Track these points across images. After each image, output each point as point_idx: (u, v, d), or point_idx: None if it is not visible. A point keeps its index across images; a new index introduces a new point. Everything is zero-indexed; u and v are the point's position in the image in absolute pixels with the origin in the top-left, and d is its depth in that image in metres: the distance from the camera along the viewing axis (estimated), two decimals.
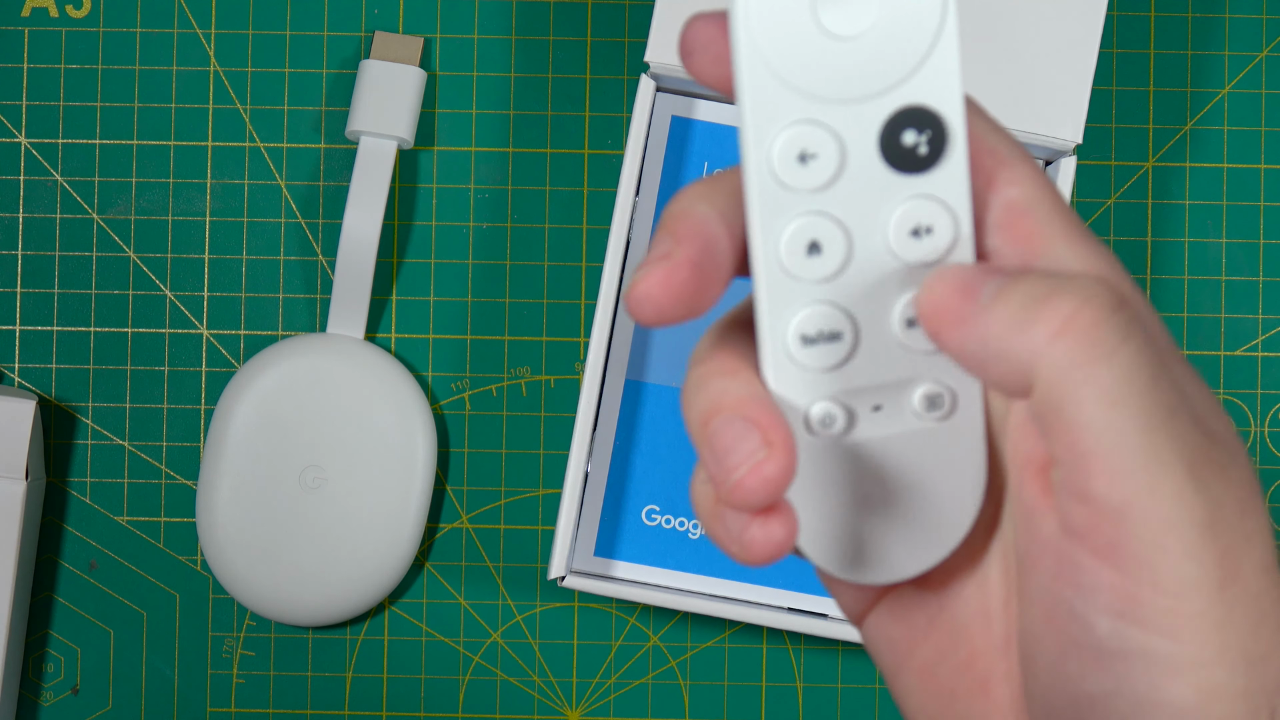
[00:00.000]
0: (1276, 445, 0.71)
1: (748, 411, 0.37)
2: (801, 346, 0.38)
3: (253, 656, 0.71)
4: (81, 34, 0.71)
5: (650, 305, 0.37)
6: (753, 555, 0.37)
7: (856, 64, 0.37)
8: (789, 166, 0.37)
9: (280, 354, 0.69)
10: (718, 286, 0.38)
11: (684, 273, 0.37)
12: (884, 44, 0.37)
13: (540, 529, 0.71)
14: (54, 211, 0.71)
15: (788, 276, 0.38)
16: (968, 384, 0.39)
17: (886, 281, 0.38)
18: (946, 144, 0.37)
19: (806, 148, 0.37)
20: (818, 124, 0.37)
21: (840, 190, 0.37)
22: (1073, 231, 0.38)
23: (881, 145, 0.37)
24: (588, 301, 0.71)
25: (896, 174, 0.37)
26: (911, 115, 0.37)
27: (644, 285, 0.37)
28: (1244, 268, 0.71)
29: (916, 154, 0.37)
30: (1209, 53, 0.71)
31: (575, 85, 0.71)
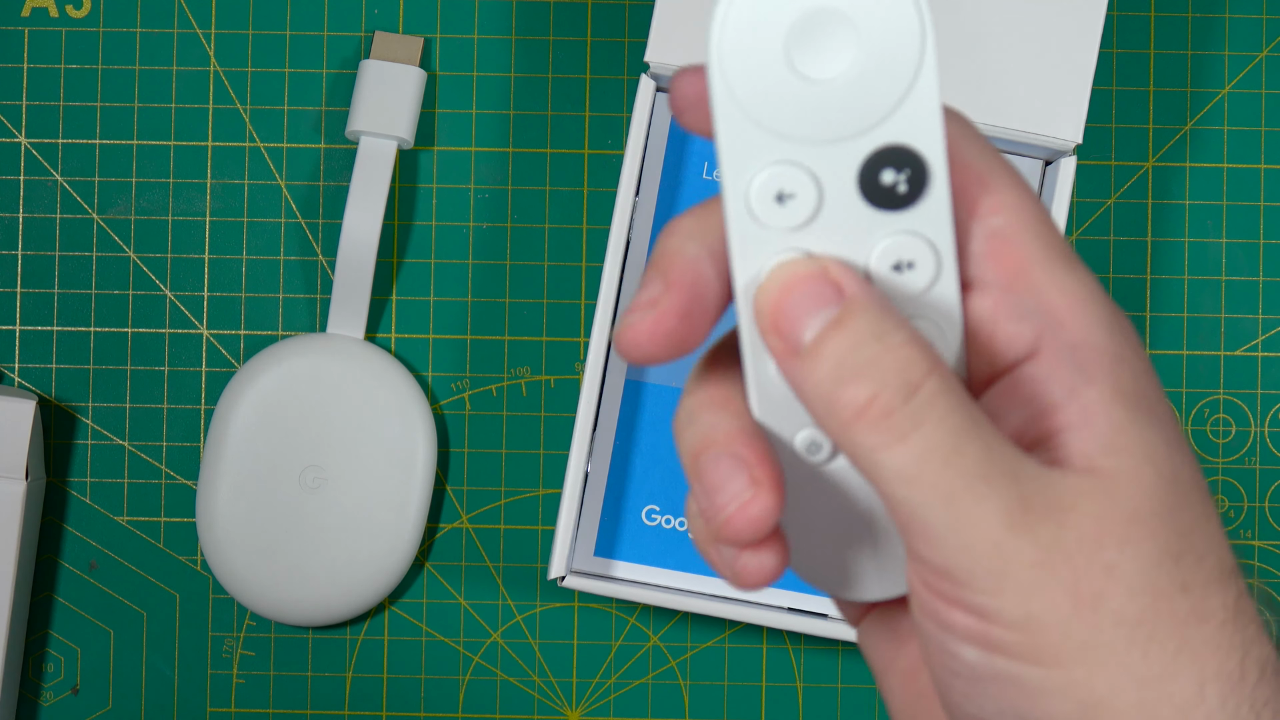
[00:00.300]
0: (1276, 445, 0.71)
1: (736, 448, 0.38)
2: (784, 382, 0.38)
3: (253, 656, 0.71)
4: (81, 34, 0.71)
5: (638, 351, 0.38)
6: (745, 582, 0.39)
7: (833, 106, 0.37)
8: (766, 206, 0.38)
9: (280, 354, 0.69)
10: (706, 327, 0.39)
11: (671, 321, 0.38)
12: (861, 85, 0.37)
13: (540, 529, 0.71)
14: (54, 211, 0.71)
15: None
16: None
17: None
18: (927, 181, 0.37)
19: (784, 188, 0.37)
20: (794, 164, 0.37)
21: (819, 228, 0.38)
22: (1057, 260, 0.38)
23: (860, 184, 0.37)
24: (588, 301, 0.71)
25: (876, 211, 0.38)
26: (890, 155, 0.37)
27: (631, 333, 0.38)
28: (1244, 268, 0.71)
29: (896, 192, 0.37)
30: (1209, 53, 0.71)
31: (575, 85, 0.71)
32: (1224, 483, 0.71)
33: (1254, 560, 0.71)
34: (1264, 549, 0.71)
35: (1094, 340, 0.38)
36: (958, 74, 0.64)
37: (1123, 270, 0.71)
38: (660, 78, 0.64)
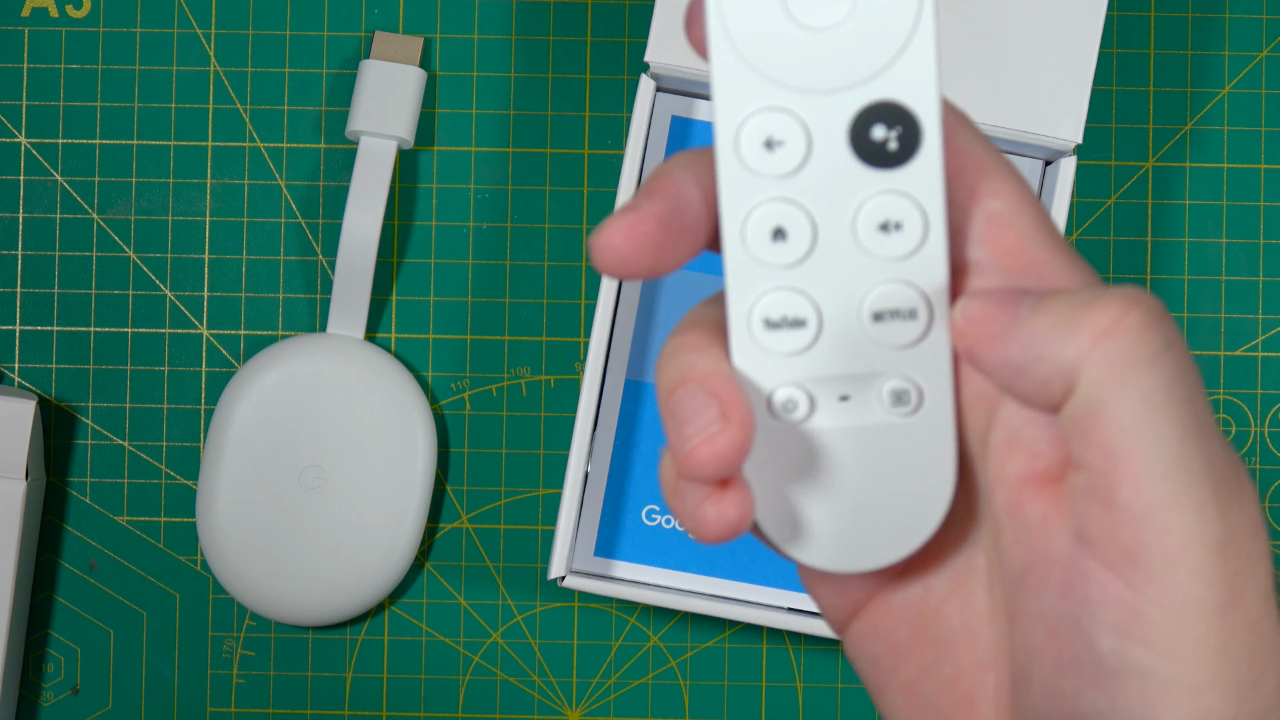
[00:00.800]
0: (1276, 445, 0.71)
1: (711, 385, 0.38)
2: (765, 330, 0.38)
3: (253, 656, 0.71)
4: (81, 34, 0.71)
5: (611, 253, 0.38)
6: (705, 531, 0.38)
7: (828, 55, 0.37)
8: (755, 152, 0.37)
9: (280, 354, 0.69)
10: (683, 247, 0.38)
11: (649, 224, 0.38)
12: (857, 37, 0.37)
13: (540, 529, 0.71)
14: (54, 211, 0.71)
15: (752, 260, 0.38)
16: (937, 382, 0.39)
17: (853, 274, 0.38)
18: (919, 141, 0.37)
19: (773, 134, 0.37)
20: (785, 112, 0.37)
21: (807, 179, 0.38)
22: (1055, 245, 0.38)
23: (851, 138, 0.37)
24: (588, 301, 0.71)
25: (866, 167, 0.37)
26: (882, 110, 0.37)
27: (607, 233, 0.38)
28: (1244, 268, 0.71)
29: (886, 149, 0.37)
30: (1209, 53, 0.71)
31: (575, 85, 0.71)
32: None
33: None
34: None
35: None
36: (958, 74, 0.64)
37: (1123, 270, 0.71)
38: (660, 78, 0.64)
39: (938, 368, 0.38)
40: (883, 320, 0.38)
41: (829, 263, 0.38)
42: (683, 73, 0.64)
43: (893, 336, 0.38)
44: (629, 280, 0.48)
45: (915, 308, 0.38)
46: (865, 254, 0.38)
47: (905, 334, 0.38)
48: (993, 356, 0.37)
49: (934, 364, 0.38)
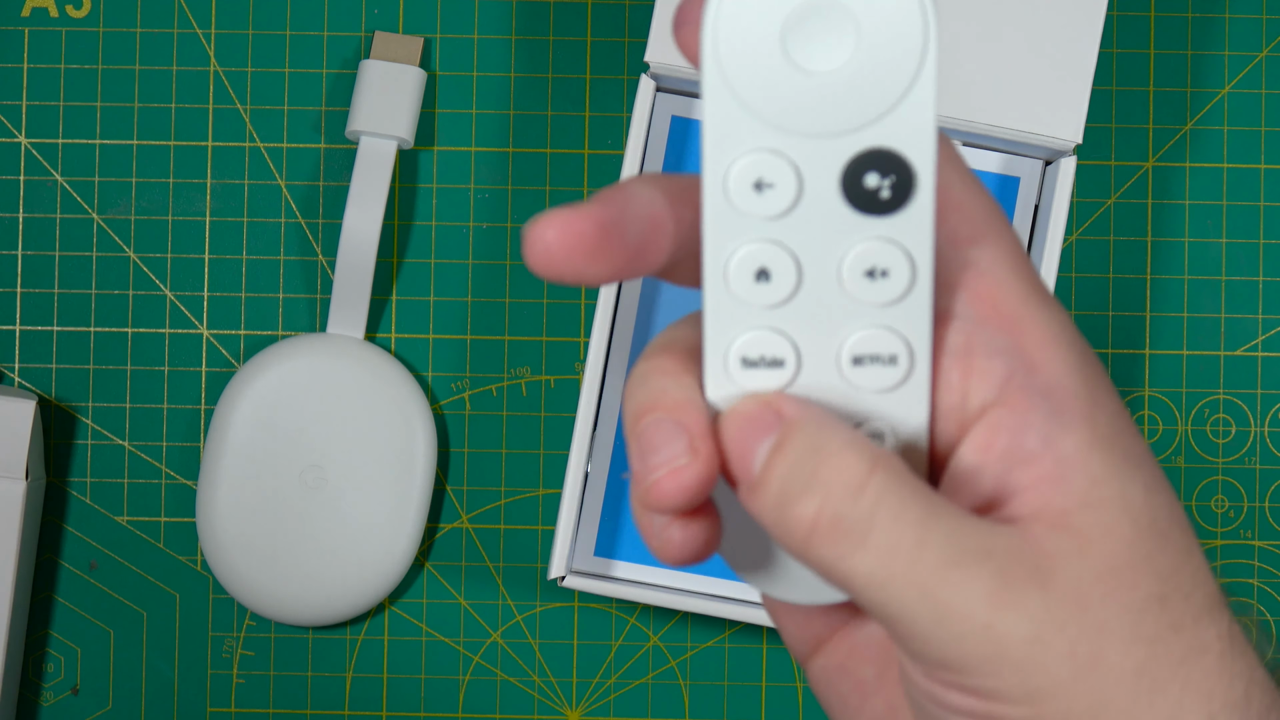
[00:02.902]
0: (1277, 445, 0.71)
1: (681, 416, 0.37)
2: (742, 368, 0.38)
3: (253, 656, 0.71)
4: (81, 34, 0.71)
5: (541, 248, 0.36)
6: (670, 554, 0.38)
7: (825, 100, 0.36)
8: (744, 192, 0.37)
9: (280, 354, 0.69)
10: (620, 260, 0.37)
11: (584, 224, 0.36)
12: (856, 82, 0.36)
13: (540, 529, 0.71)
14: (54, 211, 0.71)
15: (733, 299, 0.37)
16: (914, 428, 0.38)
17: (836, 317, 0.38)
18: (913, 190, 0.37)
19: (764, 176, 0.37)
20: (777, 154, 0.37)
21: (795, 222, 0.37)
22: (1031, 298, 0.38)
23: (843, 184, 0.37)
24: (588, 301, 0.71)
25: (856, 214, 0.37)
26: (877, 158, 0.37)
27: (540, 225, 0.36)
28: (1244, 268, 0.71)
29: (878, 197, 0.37)
30: (1209, 53, 0.71)
31: (575, 85, 0.71)
32: (1224, 483, 0.71)
33: (1254, 560, 0.71)
34: (1264, 549, 0.71)
35: (1068, 385, 0.37)
36: (958, 74, 0.64)
37: (1123, 270, 0.71)
38: (660, 78, 0.64)
39: (915, 413, 0.38)
40: (862, 365, 0.38)
41: (812, 306, 0.38)
42: (683, 73, 0.64)
43: (871, 381, 0.38)
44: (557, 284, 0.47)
45: (896, 354, 0.38)
46: (849, 299, 0.37)
47: (884, 379, 0.38)
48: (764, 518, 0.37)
49: (912, 409, 0.38)
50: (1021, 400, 0.37)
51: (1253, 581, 0.71)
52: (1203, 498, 0.71)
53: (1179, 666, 0.36)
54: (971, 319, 0.38)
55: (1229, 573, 0.71)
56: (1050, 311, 0.38)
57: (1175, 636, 0.36)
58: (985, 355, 0.38)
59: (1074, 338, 0.38)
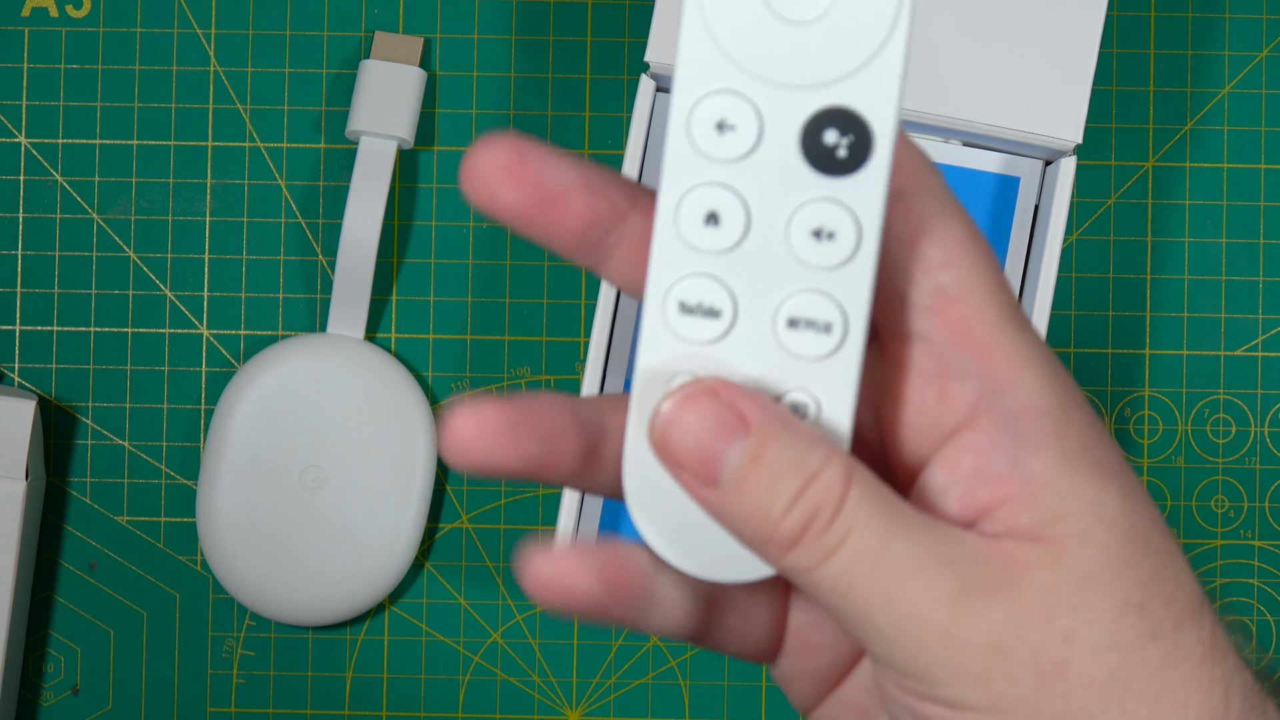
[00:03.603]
0: (1276, 445, 0.71)
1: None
2: (678, 313, 0.38)
3: (253, 656, 0.71)
4: (81, 34, 0.71)
5: (455, 444, 0.37)
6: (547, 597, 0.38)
7: (797, 51, 0.37)
8: (705, 130, 0.37)
9: (280, 354, 0.69)
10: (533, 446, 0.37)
11: (492, 413, 0.37)
12: (829, 38, 0.37)
13: (540, 529, 0.71)
14: (54, 211, 0.71)
15: (681, 240, 0.38)
16: (839, 400, 0.38)
17: (777, 275, 0.38)
18: (869, 153, 0.37)
19: (726, 118, 0.37)
20: (743, 97, 0.37)
21: (750, 169, 0.37)
22: (1001, 323, 0.38)
23: (802, 138, 0.37)
24: (588, 301, 0.71)
25: (811, 171, 0.37)
26: (838, 116, 0.37)
27: (451, 423, 0.37)
28: (1244, 268, 0.71)
29: (835, 156, 0.37)
30: (1209, 53, 0.71)
31: (575, 85, 0.71)
32: (1224, 483, 0.71)
33: (1254, 560, 0.71)
34: (1264, 549, 0.71)
35: (1037, 404, 0.37)
36: (958, 74, 0.64)
37: (1123, 270, 0.71)
38: (660, 78, 0.64)
39: (842, 385, 0.38)
40: (796, 328, 0.38)
41: (756, 258, 0.38)
42: None
43: (803, 347, 0.38)
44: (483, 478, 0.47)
45: (831, 322, 0.38)
46: (793, 258, 0.37)
47: (816, 347, 0.38)
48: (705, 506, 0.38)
49: (839, 380, 0.38)
50: (989, 422, 0.37)
51: (1253, 581, 0.71)
52: (1203, 498, 0.71)
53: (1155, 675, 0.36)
54: (943, 343, 0.38)
55: (1229, 573, 0.71)
56: (1021, 334, 0.38)
57: (1153, 644, 0.36)
58: (955, 379, 0.38)
59: (1044, 358, 0.38)
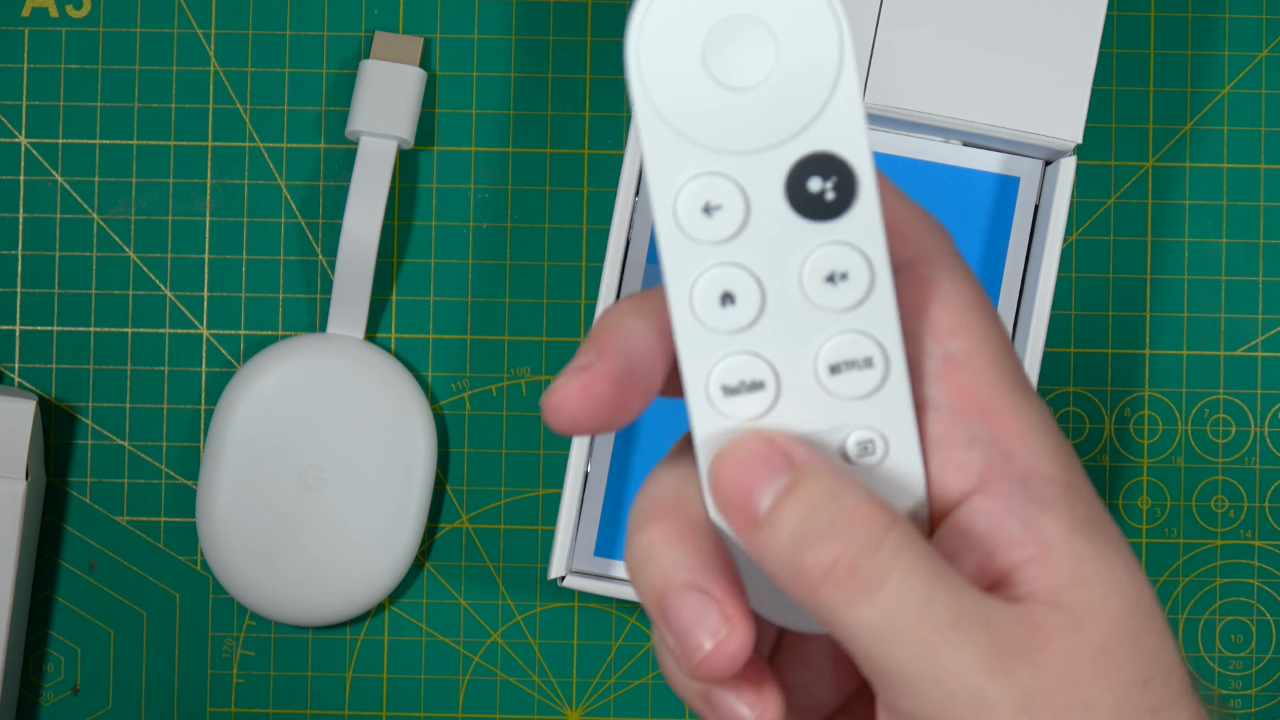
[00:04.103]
0: (1276, 445, 0.71)
1: (702, 583, 0.37)
2: (724, 397, 0.38)
3: (253, 656, 0.71)
4: (81, 34, 0.71)
5: (566, 414, 0.38)
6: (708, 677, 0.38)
7: (754, 114, 0.37)
8: (694, 219, 0.37)
9: (280, 354, 0.69)
10: (638, 401, 0.38)
11: (602, 385, 0.38)
12: (781, 93, 0.37)
13: (540, 529, 0.71)
14: (54, 211, 0.71)
15: (703, 328, 0.38)
16: (901, 427, 0.38)
17: (806, 329, 0.38)
18: (855, 188, 0.37)
19: (710, 200, 0.37)
20: (720, 175, 0.37)
21: (749, 240, 0.37)
22: (1010, 387, 0.38)
23: (788, 193, 0.37)
24: (588, 301, 0.71)
25: (806, 221, 0.37)
26: (815, 162, 0.37)
27: (560, 395, 0.38)
28: (1244, 268, 0.71)
29: (824, 200, 0.37)
30: (1209, 53, 0.71)
31: (575, 85, 0.71)
32: (1224, 483, 0.71)
33: (1254, 560, 0.71)
34: (1264, 549, 0.71)
35: (1045, 470, 0.38)
36: (958, 74, 0.64)
37: (1123, 270, 0.71)
38: None
39: (900, 413, 0.38)
40: (840, 372, 0.38)
41: (780, 322, 0.38)
42: None
43: (851, 388, 0.38)
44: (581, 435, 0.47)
45: (871, 356, 0.38)
46: (815, 308, 0.38)
47: (864, 383, 0.38)
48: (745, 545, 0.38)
49: (896, 410, 0.38)
50: (1001, 487, 0.38)
51: (1253, 581, 0.71)
52: (1203, 498, 0.71)
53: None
54: (951, 410, 0.38)
55: (1229, 573, 0.71)
56: (1028, 401, 0.39)
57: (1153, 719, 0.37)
58: (964, 445, 0.38)
59: (1050, 426, 0.39)
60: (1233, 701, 0.71)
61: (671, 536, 0.38)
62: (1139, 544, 0.71)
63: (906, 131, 0.65)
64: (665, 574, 0.38)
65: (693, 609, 0.37)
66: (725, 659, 0.37)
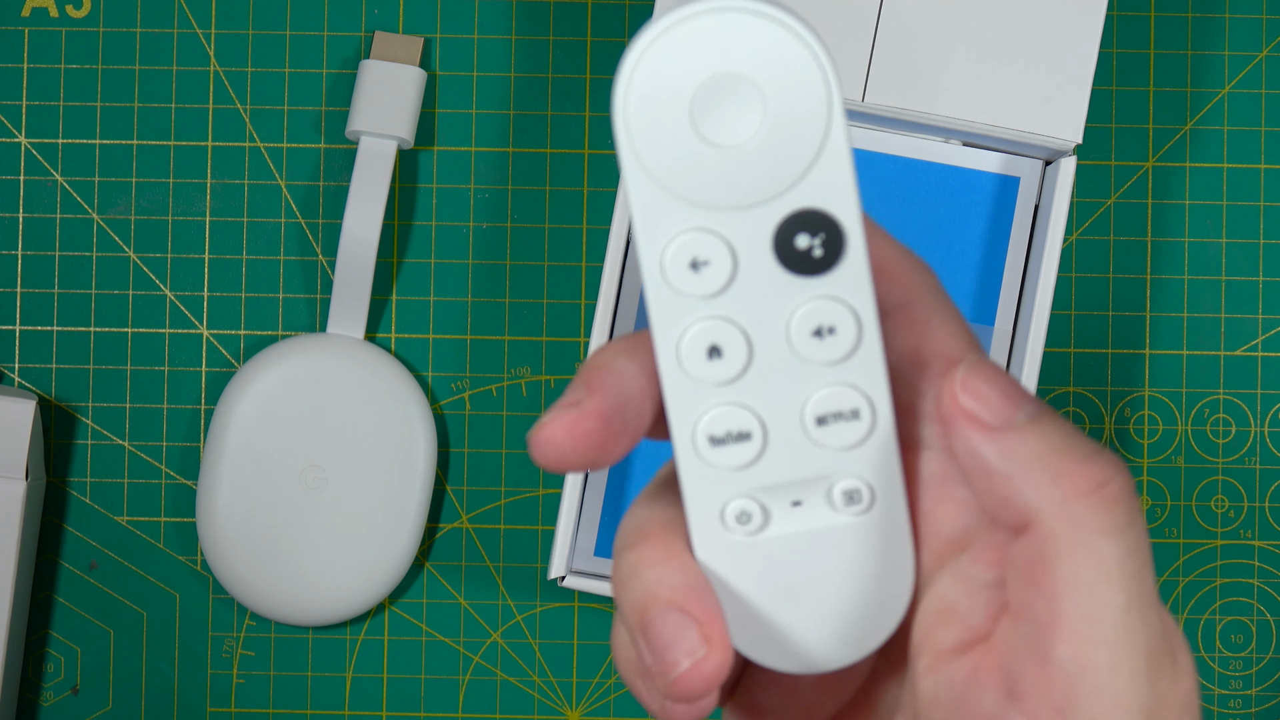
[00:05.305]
0: (1276, 445, 0.71)
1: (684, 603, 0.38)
2: (710, 447, 0.38)
3: (253, 656, 0.71)
4: (81, 34, 0.71)
5: (552, 449, 0.38)
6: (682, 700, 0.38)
7: (742, 171, 0.37)
8: (681, 274, 0.37)
9: (280, 354, 0.69)
10: (625, 440, 0.38)
11: (589, 422, 0.38)
12: (769, 150, 0.36)
13: (540, 529, 0.71)
14: (54, 211, 0.71)
15: (690, 380, 0.38)
16: (887, 478, 0.38)
17: (793, 381, 0.38)
18: (843, 245, 0.37)
19: (697, 255, 0.37)
20: (707, 231, 0.37)
21: (736, 295, 0.37)
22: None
23: (775, 249, 0.37)
24: (588, 301, 0.71)
25: (793, 276, 0.37)
26: (803, 219, 0.37)
27: (547, 430, 0.38)
28: (1244, 268, 0.71)
29: (811, 256, 0.37)
30: (1209, 53, 0.71)
31: (575, 85, 0.71)
32: (1224, 483, 0.71)
33: (1254, 560, 0.71)
34: (1264, 549, 0.71)
35: None
36: (958, 74, 0.64)
37: (1123, 270, 0.71)
38: None
39: (886, 464, 0.38)
40: (826, 424, 0.38)
41: (767, 374, 0.38)
42: None
43: (838, 439, 0.38)
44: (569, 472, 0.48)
45: (858, 408, 0.38)
46: (802, 361, 0.38)
47: (850, 435, 0.38)
48: (971, 441, 0.37)
49: (882, 461, 0.38)
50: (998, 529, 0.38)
51: (1253, 581, 0.71)
52: (1203, 498, 0.71)
53: None
54: (944, 449, 0.38)
55: (1229, 573, 0.71)
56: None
57: None
58: (960, 483, 0.38)
59: None
60: (1232, 702, 0.71)
61: (658, 557, 0.38)
62: None
63: (906, 131, 0.65)
64: (649, 591, 0.38)
65: (674, 627, 0.38)
66: (700, 679, 0.37)
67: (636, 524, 0.39)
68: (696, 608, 0.38)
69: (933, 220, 0.66)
